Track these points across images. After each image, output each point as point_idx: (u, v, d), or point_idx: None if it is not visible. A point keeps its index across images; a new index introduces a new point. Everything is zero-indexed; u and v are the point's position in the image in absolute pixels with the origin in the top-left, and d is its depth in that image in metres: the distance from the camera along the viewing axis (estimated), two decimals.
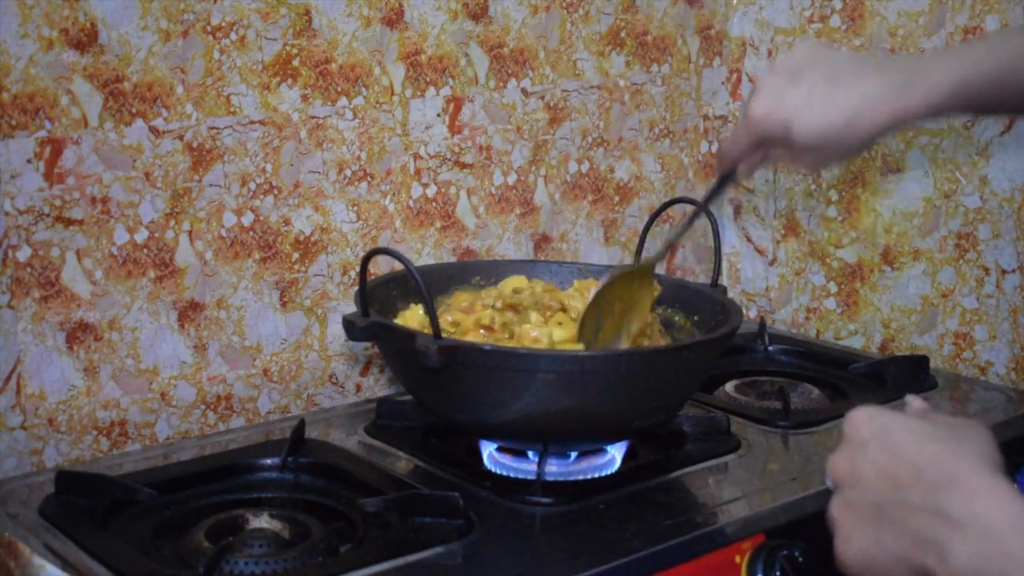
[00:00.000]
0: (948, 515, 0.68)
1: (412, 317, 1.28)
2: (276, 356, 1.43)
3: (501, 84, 1.56)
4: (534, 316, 1.25)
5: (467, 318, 1.26)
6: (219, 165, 1.34)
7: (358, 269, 1.22)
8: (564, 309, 1.26)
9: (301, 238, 1.42)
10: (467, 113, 1.54)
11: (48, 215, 1.23)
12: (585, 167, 1.68)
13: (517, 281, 1.39)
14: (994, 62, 1.02)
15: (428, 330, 1.13)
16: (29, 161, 1.21)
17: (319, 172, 1.42)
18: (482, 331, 1.24)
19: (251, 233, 1.38)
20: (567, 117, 1.64)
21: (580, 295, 1.29)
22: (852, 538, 0.73)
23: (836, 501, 0.76)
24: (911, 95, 1.02)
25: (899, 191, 1.69)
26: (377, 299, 1.27)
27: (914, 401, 0.80)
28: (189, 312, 1.35)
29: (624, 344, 1.25)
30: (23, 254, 1.22)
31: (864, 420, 0.75)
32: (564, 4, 1.61)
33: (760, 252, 1.86)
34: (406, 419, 1.36)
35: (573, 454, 1.25)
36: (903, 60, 1.02)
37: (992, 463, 0.70)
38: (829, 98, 1.03)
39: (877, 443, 0.73)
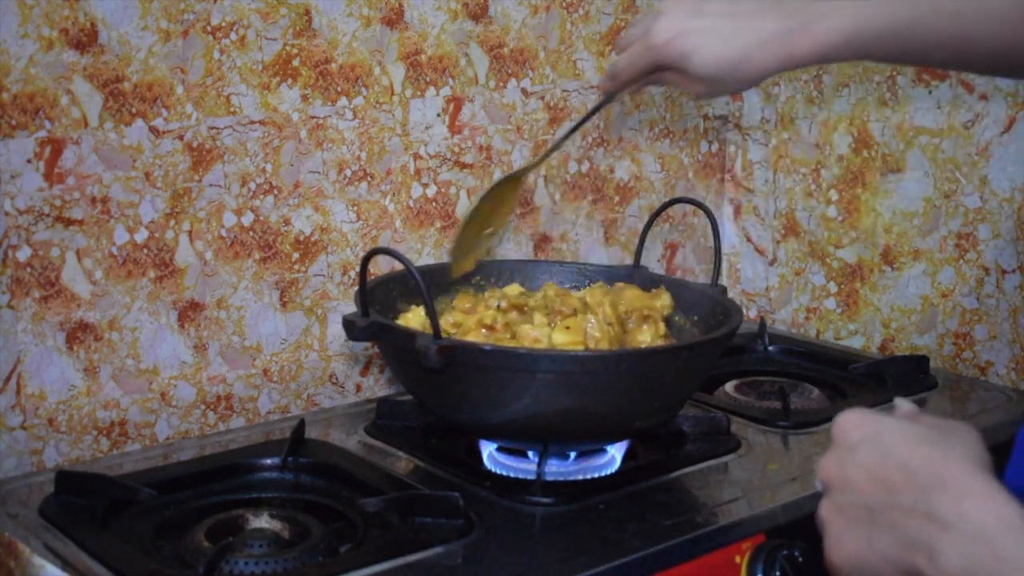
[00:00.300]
0: (939, 517, 0.67)
1: (414, 319, 1.28)
2: (276, 356, 1.43)
3: (501, 84, 1.56)
4: (538, 317, 1.24)
5: (469, 318, 1.26)
6: (219, 165, 1.34)
7: (358, 269, 1.22)
8: (575, 313, 1.26)
9: (301, 238, 1.42)
10: (467, 113, 1.54)
11: (48, 215, 1.23)
12: (585, 167, 1.68)
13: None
14: (888, 15, 1.04)
15: (429, 331, 1.13)
16: (29, 161, 1.21)
17: (319, 172, 1.42)
18: (484, 331, 1.24)
19: (251, 233, 1.38)
20: (567, 117, 1.64)
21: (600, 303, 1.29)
22: (843, 541, 0.73)
23: (826, 504, 0.75)
24: (804, 41, 1.05)
25: (899, 191, 1.69)
26: (377, 299, 1.27)
27: (903, 404, 0.79)
28: (189, 312, 1.35)
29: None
30: (23, 254, 1.22)
31: (853, 423, 0.75)
32: (564, 4, 1.61)
33: (760, 252, 1.86)
34: (406, 419, 1.36)
35: (573, 454, 1.26)
36: (805, 1, 1.06)
37: (982, 465, 0.70)
38: (727, 34, 1.07)
39: (867, 446, 0.73)
